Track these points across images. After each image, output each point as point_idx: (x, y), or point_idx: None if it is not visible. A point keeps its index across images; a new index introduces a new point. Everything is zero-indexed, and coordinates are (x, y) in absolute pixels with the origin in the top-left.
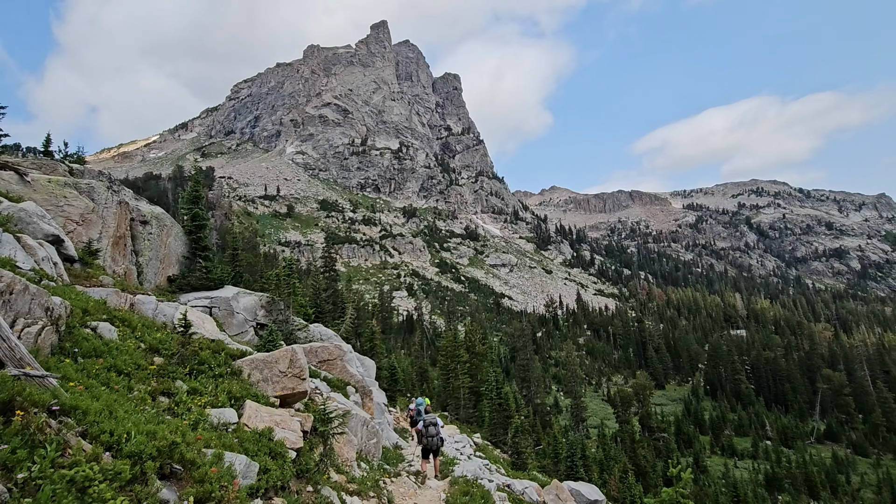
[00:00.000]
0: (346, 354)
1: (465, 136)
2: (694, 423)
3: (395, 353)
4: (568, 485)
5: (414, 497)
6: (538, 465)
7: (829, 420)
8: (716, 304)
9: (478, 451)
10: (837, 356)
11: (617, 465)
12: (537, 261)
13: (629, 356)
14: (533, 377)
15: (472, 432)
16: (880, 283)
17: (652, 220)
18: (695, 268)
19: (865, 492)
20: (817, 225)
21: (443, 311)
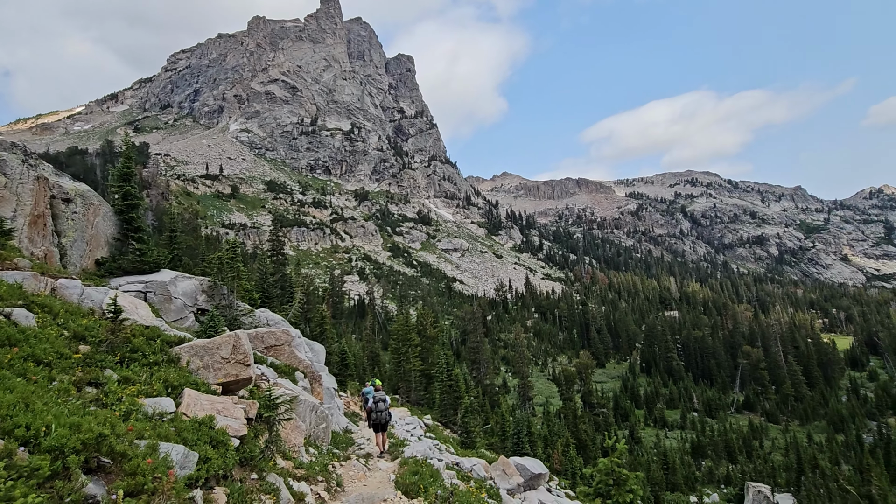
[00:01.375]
0: (293, 340)
1: (419, 119)
2: (630, 398)
3: (346, 337)
4: (514, 460)
5: (363, 479)
6: (486, 443)
7: (747, 392)
8: (653, 288)
9: (428, 432)
10: (756, 334)
11: (560, 439)
12: (488, 245)
13: (573, 337)
14: (483, 359)
15: (422, 414)
16: (794, 267)
17: (597, 207)
18: (635, 253)
19: (775, 454)
20: (743, 214)
21: (395, 295)
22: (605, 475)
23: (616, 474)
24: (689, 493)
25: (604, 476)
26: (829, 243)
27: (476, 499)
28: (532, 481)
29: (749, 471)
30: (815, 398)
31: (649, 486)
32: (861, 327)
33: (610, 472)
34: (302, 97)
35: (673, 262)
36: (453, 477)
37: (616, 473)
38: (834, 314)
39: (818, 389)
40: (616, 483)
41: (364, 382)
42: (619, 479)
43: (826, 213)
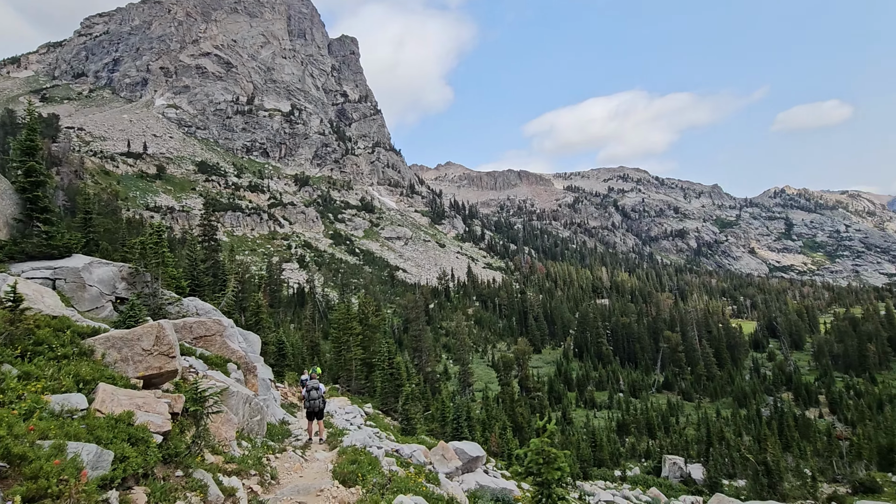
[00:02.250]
0: (226, 329)
1: (363, 104)
2: (564, 382)
3: (285, 327)
4: (453, 445)
5: (300, 470)
6: (427, 429)
7: (666, 373)
8: (586, 277)
9: (368, 421)
10: (676, 320)
11: (497, 423)
12: (431, 234)
13: (512, 324)
14: (425, 347)
15: (363, 403)
16: (710, 259)
17: (537, 199)
18: (571, 244)
19: (689, 429)
20: (667, 209)
21: (336, 283)
22: (535, 454)
23: (546, 453)
24: (614, 467)
25: (534, 455)
26: (739, 237)
27: (414, 484)
28: (470, 464)
29: (666, 445)
30: (724, 377)
31: (579, 463)
32: (763, 313)
33: (540, 451)
34: (237, 74)
35: (605, 253)
36: (392, 464)
37: (546, 452)
38: (742, 301)
39: (726, 369)
40: (546, 462)
41: (310, 375)
42: (549, 458)
43: (738, 209)
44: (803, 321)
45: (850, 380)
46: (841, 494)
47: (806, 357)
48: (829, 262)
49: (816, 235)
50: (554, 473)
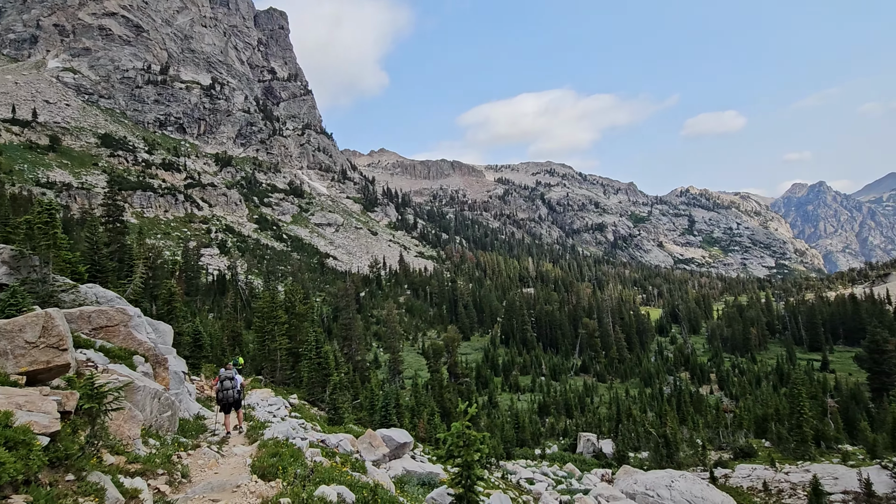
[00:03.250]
0: (131, 319)
1: (292, 83)
2: (491, 368)
3: (202, 316)
4: (381, 432)
5: (215, 467)
6: (355, 418)
7: (584, 357)
8: (514, 267)
9: (294, 412)
10: (593, 308)
11: (426, 409)
12: (364, 222)
13: (443, 312)
14: (355, 335)
15: (288, 394)
16: (624, 251)
17: (469, 189)
18: (500, 235)
19: (601, 408)
20: (589, 203)
21: (261, 270)
22: (456, 438)
23: (466, 436)
24: (535, 446)
25: (455, 439)
26: (650, 232)
27: (339, 473)
28: (398, 450)
29: (582, 423)
30: (633, 360)
31: (503, 444)
32: (668, 301)
33: (461, 434)
34: (149, 40)
35: (532, 244)
36: (317, 454)
37: (466, 436)
38: (650, 290)
39: (635, 353)
40: (466, 444)
41: (226, 365)
42: (469, 441)
43: (650, 206)
44: (700, 308)
45: (736, 359)
46: (725, 460)
47: (701, 340)
48: (724, 256)
49: (714, 232)
50: (473, 455)
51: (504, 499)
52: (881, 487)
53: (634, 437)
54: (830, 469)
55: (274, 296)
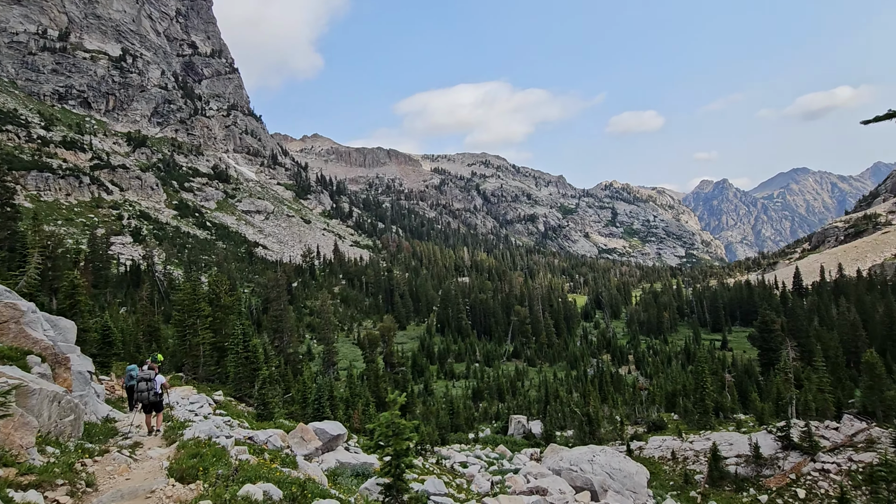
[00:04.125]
0: (24, 315)
1: (216, 59)
2: (426, 356)
3: (112, 310)
4: (313, 425)
5: (127, 472)
6: (286, 412)
7: (515, 343)
8: (450, 257)
9: (218, 410)
10: (525, 296)
11: (361, 400)
12: (296, 210)
13: (379, 302)
14: (287, 327)
15: (212, 391)
16: (554, 241)
17: (405, 179)
18: (437, 224)
19: (531, 391)
20: (522, 195)
21: (182, 260)
22: (385, 428)
23: (395, 426)
24: (469, 431)
25: (384, 429)
26: (577, 223)
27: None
28: (331, 443)
29: (513, 406)
30: (561, 344)
31: (438, 430)
32: (592, 289)
33: (390, 424)
34: (44, 0)
35: (467, 234)
36: (244, 452)
37: (395, 425)
38: (577, 279)
39: (563, 338)
40: (395, 434)
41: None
42: (398, 430)
43: (577, 199)
44: (621, 295)
45: (651, 341)
46: (640, 433)
47: (622, 324)
48: (642, 246)
49: (633, 224)
50: (402, 444)
51: (438, 483)
52: (766, 449)
53: (561, 416)
54: (727, 436)
55: (196, 287)
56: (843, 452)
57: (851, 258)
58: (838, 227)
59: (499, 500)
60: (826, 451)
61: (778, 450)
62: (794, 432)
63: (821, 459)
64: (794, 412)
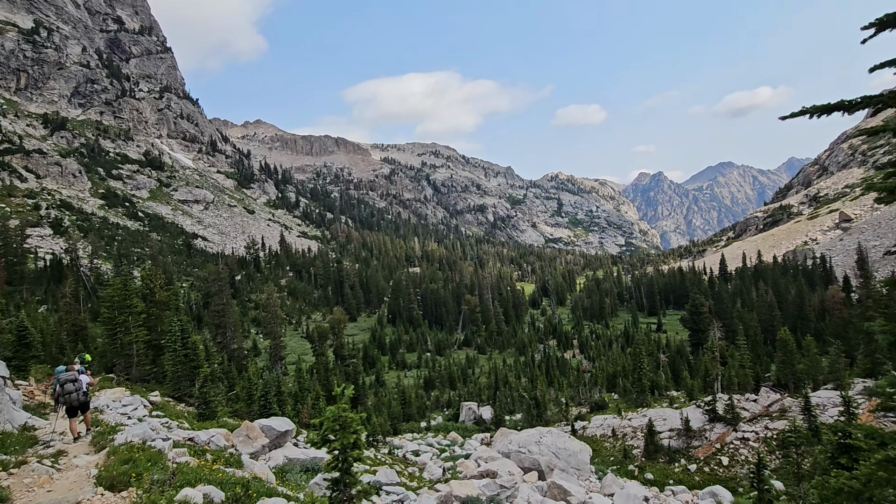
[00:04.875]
0: None
1: (145, 37)
2: (378, 347)
3: (30, 308)
4: (259, 422)
5: (48, 484)
6: (230, 410)
7: (466, 332)
8: (400, 247)
9: (155, 411)
10: (475, 285)
11: (310, 394)
12: (238, 199)
13: (328, 294)
14: (230, 322)
15: (148, 391)
16: (503, 231)
17: (354, 168)
18: (387, 214)
19: (482, 378)
20: (471, 185)
21: (111, 253)
22: (331, 422)
23: (342, 419)
24: (421, 420)
25: (330, 423)
26: (525, 213)
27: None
28: (279, 439)
29: (464, 394)
30: (510, 332)
31: (390, 420)
32: (539, 277)
33: (336, 418)
34: None
35: (418, 224)
36: (184, 454)
37: (342, 418)
38: (525, 268)
39: (511, 325)
40: (342, 427)
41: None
42: (345, 423)
43: (525, 189)
44: (566, 282)
45: (594, 326)
46: (584, 414)
47: (567, 311)
48: (586, 235)
49: (578, 214)
50: (350, 438)
51: (390, 473)
52: (696, 422)
53: (510, 401)
54: (661, 412)
55: (127, 282)
56: (761, 422)
57: (769, 245)
58: (758, 217)
59: (450, 485)
60: (746, 422)
61: (705, 422)
62: (720, 406)
63: (741, 429)
64: (720, 387)
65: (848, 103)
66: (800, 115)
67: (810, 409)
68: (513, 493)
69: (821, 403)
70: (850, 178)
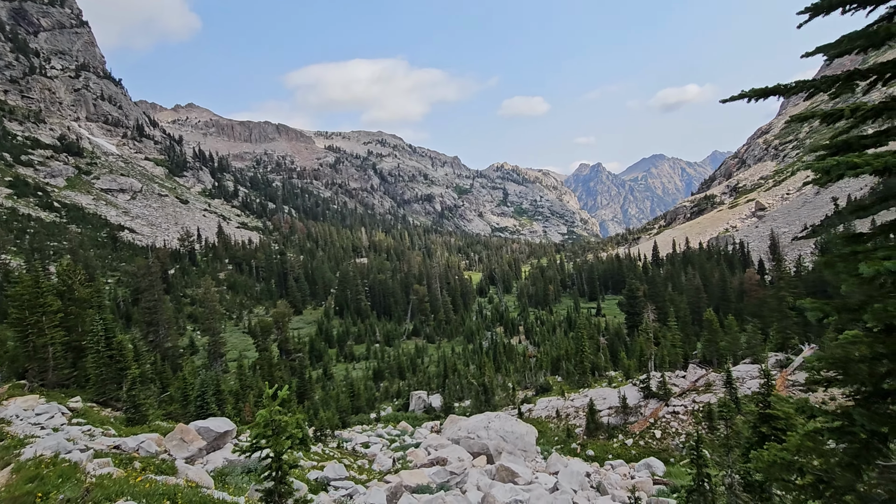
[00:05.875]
0: None
1: (57, 8)
2: (325, 340)
3: None
4: (196, 424)
5: None
6: (163, 413)
7: (415, 321)
8: (347, 237)
9: (76, 418)
10: (423, 274)
11: (253, 391)
12: (170, 188)
13: (271, 287)
14: (163, 319)
15: (67, 397)
16: (450, 220)
17: (297, 156)
18: (332, 204)
19: (431, 367)
20: (419, 175)
21: (23, 247)
22: (262, 427)
23: (275, 423)
24: (370, 411)
25: (261, 429)
26: (472, 203)
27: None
28: (217, 441)
29: (413, 383)
30: (458, 320)
31: (338, 413)
32: (486, 265)
33: (268, 422)
34: None
35: (364, 214)
36: (107, 464)
37: (275, 423)
38: (472, 256)
39: (460, 313)
40: (275, 432)
41: None
42: (279, 428)
43: (472, 179)
44: (512, 270)
45: (538, 312)
46: (530, 397)
47: (513, 298)
48: (530, 224)
49: (523, 203)
50: (284, 444)
51: (338, 468)
52: (632, 400)
53: (459, 388)
54: (601, 392)
55: (39, 279)
56: (689, 396)
57: (696, 232)
58: (686, 206)
59: (401, 475)
60: (676, 396)
61: (641, 399)
62: (653, 383)
63: (672, 404)
64: (654, 366)
65: (784, 87)
66: (739, 98)
67: (731, 383)
68: (462, 478)
69: (740, 377)
70: (765, 170)
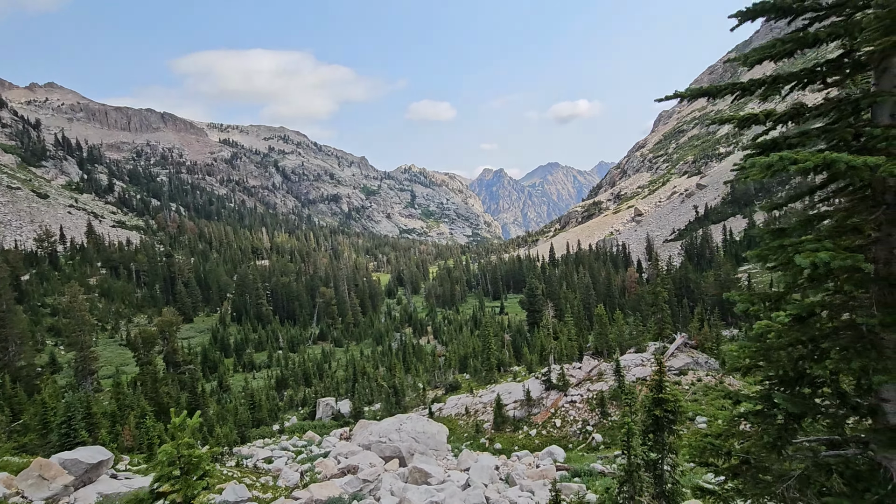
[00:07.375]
0: None
1: None
2: (220, 349)
3: None
4: (60, 456)
5: None
6: (15, 446)
7: (321, 325)
8: (246, 238)
9: None
10: (330, 277)
11: (133, 412)
12: (24, 180)
13: (156, 293)
14: (13, 334)
15: None
16: (358, 221)
17: (187, 149)
18: (228, 203)
19: (339, 371)
20: (325, 174)
21: None
22: (167, 467)
23: (186, 460)
24: (273, 422)
25: (165, 469)
26: (380, 204)
27: None
28: (89, 474)
29: (321, 389)
30: (367, 322)
31: (237, 428)
32: (395, 267)
33: (174, 460)
34: None
35: (265, 213)
36: None
37: (186, 459)
38: (380, 258)
39: (368, 315)
40: (185, 472)
41: None
42: (190, 466)
43: (380, 180)
44: (420, 271)
45: (446, 312)
46: (440, 396)
47: (421, 299)
48: (437, 226)
49: (430, 206)
50: (197, 485)
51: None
52: (535, 392)
53: (369, 392)
54: (507, 387)
55: None
56: (584, 385)
57: (586, 235)
58: (578, 211)
59: (310, 489)
60: (573, 387)
61: (543, 391)
62: (553, 375)
63: (570, 393)
64: (554, 359)
65: (716, 88)
66: (674, 97)
67: (620, 371)
68: (376, 485)
69: (626, 365)
70: (641, 179)
